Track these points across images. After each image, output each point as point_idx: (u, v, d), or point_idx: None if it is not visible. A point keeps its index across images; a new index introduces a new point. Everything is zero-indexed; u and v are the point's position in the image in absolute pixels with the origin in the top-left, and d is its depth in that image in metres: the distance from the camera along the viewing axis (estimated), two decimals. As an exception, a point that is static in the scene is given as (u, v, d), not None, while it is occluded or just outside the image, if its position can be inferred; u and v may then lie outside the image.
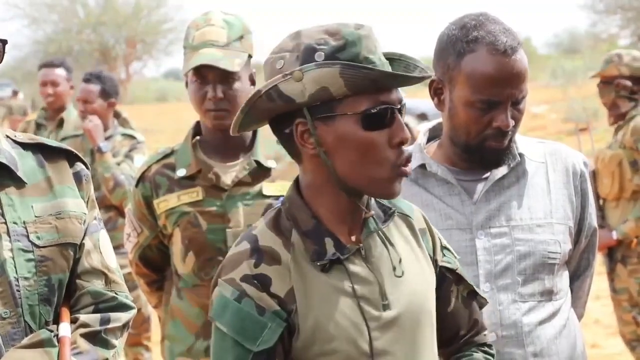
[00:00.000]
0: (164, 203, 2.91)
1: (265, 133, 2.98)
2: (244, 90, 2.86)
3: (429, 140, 2.41)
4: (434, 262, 1.91)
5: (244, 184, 2.89)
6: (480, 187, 2.29)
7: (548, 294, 2.29)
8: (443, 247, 1.95)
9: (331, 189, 1.78)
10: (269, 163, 2.92)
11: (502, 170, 2.29)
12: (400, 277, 1.80)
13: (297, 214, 1.80)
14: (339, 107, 1.72)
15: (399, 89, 1.77)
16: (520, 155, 2.31)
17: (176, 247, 2.91)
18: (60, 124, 5.76)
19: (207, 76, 2.82)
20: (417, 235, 1.90)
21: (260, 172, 2.91)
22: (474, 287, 1.98)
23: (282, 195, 2.92)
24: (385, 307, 1.78)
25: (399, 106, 1.75)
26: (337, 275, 1.76)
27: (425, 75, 1.75)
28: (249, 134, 2.96)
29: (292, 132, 1.76)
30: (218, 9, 2.92)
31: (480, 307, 2.01)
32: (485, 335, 2.01)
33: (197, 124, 2.98)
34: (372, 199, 1.84)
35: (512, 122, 2.21)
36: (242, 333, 1.72)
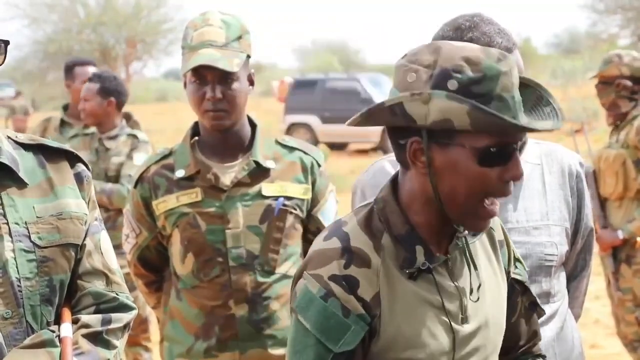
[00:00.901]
0: (163, 204, 2.90)
1: (264, 133, 2.98)
2: (242, 90, 2.85)
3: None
4: (507, 273, 1.92)
5: (243, 185, 2.88)
6: (476, 190, 2.28)
7: (545, 297, 2.29)
8: (516, 259, 1.95)
9: (430, 202, 1.76)
10: (268, 163, 2.91)
11: (498, 173, 2.29)
12: (475, 302, 1.80)
13: (391, 217, 1.78)
14: (458, 137, 1.69)
15: None
16: (516, 157, 2.31)
17: (175, 248, 2.91)
18: None
19: (205, 76, 2.81)
20: (497, 247, 1.90)
21: (259, 172, 2.90)
22: (536, 298, 1.98)
23: (282, 196, 2.94)
24: (464, 321, 1.79)
25: (519, 143, 1.72)
26: (423, 285, 1.76)
27: (555, 127, 1.71)
28: (248, 134, 2.95)
29: (406, 145, 1.74)
30: (216, 9, 2.90)
31: (539, 317, 2.01)
32: (540, 346, 2.02)
33: (196, 124, 2.97)
34: None
35: (508, 124, 2.21)
36: (326, 332, 1.72)
